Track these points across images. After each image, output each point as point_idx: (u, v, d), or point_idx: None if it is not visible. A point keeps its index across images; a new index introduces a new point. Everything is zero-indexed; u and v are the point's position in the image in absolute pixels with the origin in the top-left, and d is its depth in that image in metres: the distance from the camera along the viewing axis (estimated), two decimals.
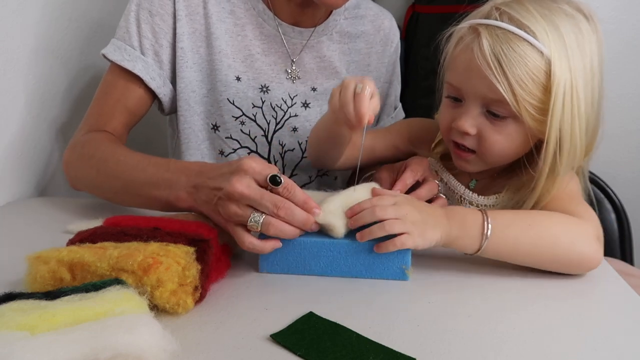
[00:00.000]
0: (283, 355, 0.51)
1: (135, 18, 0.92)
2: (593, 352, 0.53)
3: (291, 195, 0.63)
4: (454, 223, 0.66)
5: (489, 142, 0.73)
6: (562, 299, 0.64)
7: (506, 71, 0.67)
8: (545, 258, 0.68)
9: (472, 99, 0.72)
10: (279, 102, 0.99)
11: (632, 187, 1.25)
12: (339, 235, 0.66)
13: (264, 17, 0.97)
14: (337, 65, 1.02)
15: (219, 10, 0.95)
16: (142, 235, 0.60)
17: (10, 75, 0.92)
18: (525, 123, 0.70)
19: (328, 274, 0.67)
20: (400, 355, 0.51)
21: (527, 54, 0.67)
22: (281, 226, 0.63)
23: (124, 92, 0.92)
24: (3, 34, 0.89)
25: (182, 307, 0.55)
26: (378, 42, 1.06)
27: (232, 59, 0.96)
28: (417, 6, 1.54)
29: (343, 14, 1.03)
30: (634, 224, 1.15)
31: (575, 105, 0.68)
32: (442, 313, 0.59)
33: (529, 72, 0.67)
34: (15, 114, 0.95)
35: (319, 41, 1.01)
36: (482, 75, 0.68)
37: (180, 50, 0.93)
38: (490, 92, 0.69)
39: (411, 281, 0.66)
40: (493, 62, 0.67)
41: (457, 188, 0.83)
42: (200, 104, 0.97)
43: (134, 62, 0.91)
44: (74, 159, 0.88)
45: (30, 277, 0.56)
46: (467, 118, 0.72)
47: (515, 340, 0.55)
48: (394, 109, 1.14)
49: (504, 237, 0.66)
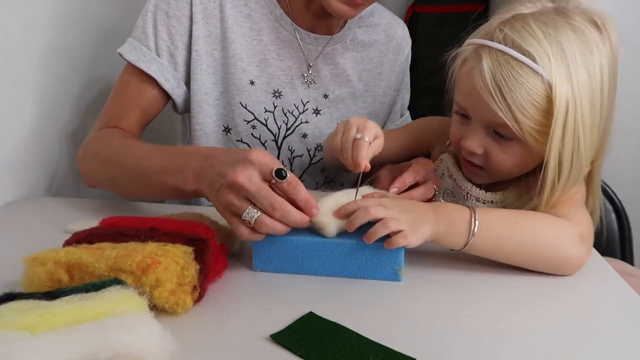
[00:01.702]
0: (283, 355, 0.51)
1: (152, 19, 0.92)
2: (593, 352, 0.53)
3: (295, 191, 0.63)
4: (442, 219, 0.67)
5: (495, 162, 0.74)
6: (562, 299, 0.64)
7: (507, 98, 0.67)
8: (529, 258, 0.68)
9: (478, 121, 0.74)
10: (290, 108, 0.99)
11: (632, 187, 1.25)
12: (330, 235, 0.66)
13: (281, 22, 0.97)
14: (350, 73, 1.03)
15: (236, 14, 0.95)
16: (139, 235, 0.60)
17: (10, 75, 0.92)
18: (529, 144, 0.70)
19: (321, 273, 0.67)
20: (400, 355, 0.51)
21: (528, 80, 0.67)
22: (273, 226, 0.63)
23: (138, 91, 0.93)
24: (3, 34, 0.90)
25: (181, 306, 0.55)
26: (391, 51, 1.07)
27: (246, 63, 0.96)
28: (417, 6, 1.54)
29: (357, 22, 1.04)
30: (634, 224, 1.15)
31: (579, 125, 0.67)
32: (442, 313, 0.59)
33: (529, 98, 0.67)
34: (14, 114, 0.95)
35: (334, 49, 1.01)
36: (484, 101, 0.69)
37: (195, 52, 0.94)
38: (493, 117, 0.70)
39: (411, 281, 0.66)
40: (494, 88, 0.68)
41: (465, 184, 0.84)
42: (213, 106, 0.97)
43: (149, 63, 0.92)
44: (86, 155, 0.89)
45: (28, 278, 0.56)
46: (475, 138, 0.74)
47: (515, 340, 0.55)
48: (400, 117, 1.14)
49: (489, 235, 0.67)
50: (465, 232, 0.67)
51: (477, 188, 0.82)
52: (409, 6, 1.61)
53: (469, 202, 0.83)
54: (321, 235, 0.66)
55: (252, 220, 0.62)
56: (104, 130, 0.91)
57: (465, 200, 0.84)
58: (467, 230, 0.67)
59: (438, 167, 0.87)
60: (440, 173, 0.87)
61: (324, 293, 0.63)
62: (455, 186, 0.86)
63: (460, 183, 0.84)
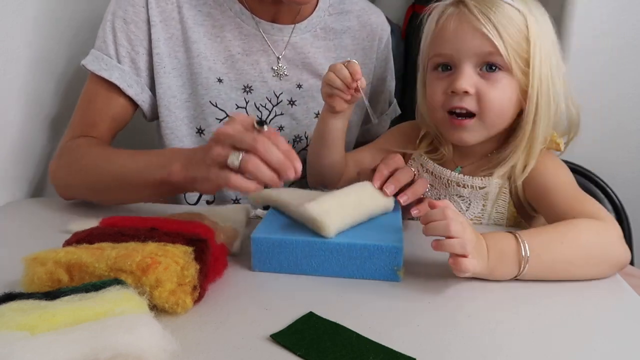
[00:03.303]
0: (283, 355, 0.51)
1: (111, 27, 0.92)
2: (593, 352, 0.53)
3: (276, 140, 0.64)
4: (493, 252, 0.65)
5: (487, 99, 0.76)
6: (561, 299, 0.64)
7: (494, 22, 0.74)
8: (581, 271, 0.68)
9: (466, 60, 0.76)
10: (263, 102, 0.99)
11: (632, 187, 1.25)
12: (330, 235, 0.66)
13: (241, 17, 0.97)
14: (323, 62, 1.02)
15: (195, 14, 0.95)
16: (139, 235, 0.60)
17: (10, 75, 0.92)
18: (515, 76, 0.75)
19: (320, 273, 0.67)
20: (400, 355, 0.51)
21: (508, 10, 0.75)
22: (258, 164, 0.63)
23: (106, 100, 0.93)
24: (3, 34, 0.89)
25: (181, 306, 0.55)
26: (365, 38, 1.05)
27: (212, 61, 0.96)
28: (417, 6, 1.54)
29: (327, 10, 1.03)
30: (634, 224, 1.15)
31: (549, 56, 0.76)
32: (442, 313, 0.59)
33: (511, 22, 0.75)
34: (14, 114, 0.95)
35: (303, 38, 1.00)
36: (473, 31, 0.75)
37: (156, 56, 0.93)
38: (482, 46, 0.75)
39: (411, 281, 0.66)
40: (482, 17, 0.74)
41: (444, 173, 0.86)
42: (183, 109, 0.97)
43: (111, 71, 0.91)
44: (61, 167, 0.88)
45: (28, 278, 0.56)
46: (465, 78, 0.76)
47: (515, 340, 0.55)
48: (389, 105, 1.13)
49: (540, 261, 0.65)
50: (515, 263, 0.65)
51: (455, 173, 0.84)
52: (409, 6, 1.60)
53: (451, 189, 0.85)
54: (320, 236, 0.66)
55: (238, 160, 0.63)
56: (76, 140, 0.90)
57: (447, 188, 0.85)
58: (517, 262, 0.65)
59: (411, 166, 0.87)
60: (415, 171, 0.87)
61: (324, 293, 0.63)
62: (433, 178, 0.87)
63: (439, 172, 0.86)
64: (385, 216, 0.75)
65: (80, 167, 0.84)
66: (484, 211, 0.85)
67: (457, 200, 0.85)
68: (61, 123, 1.08)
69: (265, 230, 0.69)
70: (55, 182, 0.89)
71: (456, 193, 0.85)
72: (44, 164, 1.04)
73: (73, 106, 0.96)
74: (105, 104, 0.93)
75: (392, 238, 0.66)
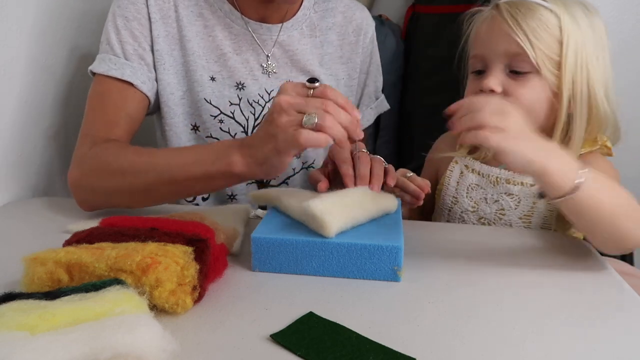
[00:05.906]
0: (283, 355, 0.51)
1: (114, 27, 0.92)
2: (592, 352, 0.53)
3: (333, 93, 0.67)
4: (555, 157, 0.63)
5: (515, 97, 0.77)
6: (561, 299, 0.64)
7: (522, 24, 0.76)
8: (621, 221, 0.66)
9: (495, 61, 0.79)
10: (255, 98, 1.00)
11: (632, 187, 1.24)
12: (330, 234, 0.66)
13: (231, 17, 0.98)
14: (310, 58, 1.03)
15: (188, 14, 0.96)
16: (139, 235, 0.60)
17: (10, 76, 0.92)
18: (545, 78, 0.76)
19: (320, 273, 0.67)
20: (400, 355, 0.51)
21: (540, 11, 0.77)
22: (333, 120, 0.65)
23: (121, 99, 0.91)
24: (2, 35, 0.89)
25: (181, 306, 0.55)
26: (350, 33, 1.07)
27: (205, 60, 0.97)
28: (417, 6, 1.54)
29: (313, 7, 1.05)
30: None
31: (588, 57, 0.76)
32: (442, 313, 0.59)
33: (542, 24, 0.76)
34: (14, 115, 0.95)
35: (290, 36, 1.02)
36: (502, 33, 0.77)
37: (157, 52, 0.94)
38: (510, 47, 0.77)
39: (411, 281, 0.66)
40: (511, 19, 0.77)
41: (492, 171, 0.87)
42: (179, 105, 0.98)
43: (122, 69, 0.91)
44: (86, 174, 0.83)
45: (28, 278, 0.56)
46: (492, 77, 0.78)
47: (515, 340, 0.55)
48: (375, 100, 1.14)
49: (591, 189, 0.64)
50: (572, 179, 0.63)
51: (505, 170, 0.85)
52: (409, 6, 1.60)
53: (499, 187, 0.85)
54: (320, 236, 0.66)
55: (314, 119, 0.64)
56: (102, 145, 0.86)
57: (495, 187, 0.85)
58: (575, 170, 0.63)
59: (453, 170, 0.88)
60: (458, 173, 0.88)
61: (324, 293, 0.63)
62: (480, 178, 0.87)
63: (486, 171, 0.86)
64: (385, 216, 0.74)
65: (113, 169, 0.81)
66: (534, 209, 0.84)
67: (506, 198, 0.85)
68: (61, 125, 1.08)
69: (265, 230, 0.69)
70: (79, 191, 0.85)
71: (505, 191, 0.85)
72: (44, 164, 1.04)
73: (73, 107, 0.96)
74: (121, 103, 0.91)
75: (392, 238, 0.66)
